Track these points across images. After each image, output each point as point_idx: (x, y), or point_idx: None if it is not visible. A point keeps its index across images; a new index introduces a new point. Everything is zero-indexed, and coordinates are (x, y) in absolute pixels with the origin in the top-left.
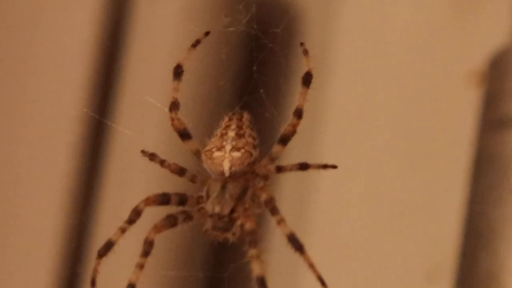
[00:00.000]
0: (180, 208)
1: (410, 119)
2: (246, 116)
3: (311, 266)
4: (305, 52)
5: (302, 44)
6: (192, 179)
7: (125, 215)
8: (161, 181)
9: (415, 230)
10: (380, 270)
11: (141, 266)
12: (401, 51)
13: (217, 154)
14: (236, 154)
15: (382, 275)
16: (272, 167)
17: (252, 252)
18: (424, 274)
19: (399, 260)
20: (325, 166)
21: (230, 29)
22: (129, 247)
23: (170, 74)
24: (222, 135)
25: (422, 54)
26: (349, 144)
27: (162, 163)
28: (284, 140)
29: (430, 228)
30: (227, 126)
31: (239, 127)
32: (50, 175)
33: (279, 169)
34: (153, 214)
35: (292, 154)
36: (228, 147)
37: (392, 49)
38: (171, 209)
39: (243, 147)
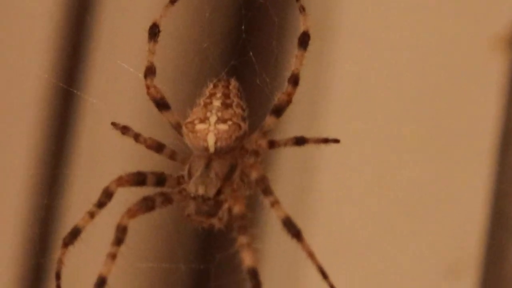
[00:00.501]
0: (158, 190)
1: (427, 90)
2: (233, 83)
3: (310, 254)
4: (302, 9)
5: (297, 0)
6: (172, 156)
7: (95, 197)
8: (135, 158)
9: (433, 219)
10: (392, 265)
11: (113, 257)
12: (417, 11)
13: (200, 126)
14: (222, 126)
15: (395, 271)
16: (263, 142)
17: (242, 239)
18: (444, 269)
19: (414, 254)
20: (325, 141)
21: None
22: (99, 234)
23: (145, 35)
24: (206, 105)
25: (440, 15)
26: (355, 117)
27: (136, 137)
28: (278, 111)
29: (450, 216)
30: (212, 95)
31: (226, 96)
32: (10, 152)
33: (272, 144)
34: (127, 196)
35: (288, 128)
36: (213, 119)
37: (407, 8)
38: (148, 190)
39: (230, 119)
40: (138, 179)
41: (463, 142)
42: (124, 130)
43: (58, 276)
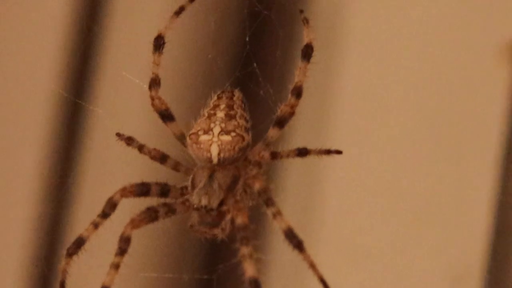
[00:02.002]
0: (162, 200)
1: (434, 100)
2: (237, 94)
3: (312, 266)
4: (305, 21)
5: (301, 11)
6: (175, 167)
7: (99, 207)
8: (139, 169)
9: (439, 228)
10: (397, 275)
11: (116, 267)
12: (424, 21)
13: (204, 137)
14: (226, 138)
15: (400, 281)
16: (266, 153)
17: (244, 250)
18: (451, 278)
19: (420, 264)
20: (328, 152)
21: None
22: (102, 244)
23: (150, 46)
24: (209, 116)
25: (447, 25)
26: (361, 129)
27: (140, 148)
28: (281, 123)
29: (456, 225)
30: (216, 106)
31: (230, 107)
32: (17, 162)
33: (275, 156)
34: (131, 207)
35: (291, 140)
36: (216, 130)
37: (414, 19)
38: (151, 201)
39: (233, 130)
40: (142, 189)
41: (469, 152)
42: (129, 141)
43: (62, 286)
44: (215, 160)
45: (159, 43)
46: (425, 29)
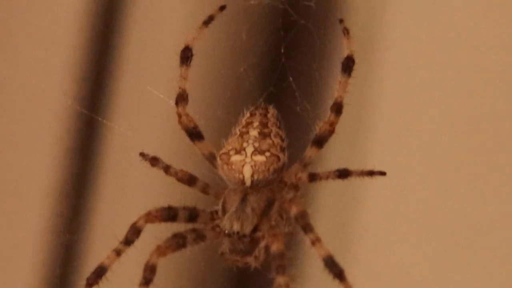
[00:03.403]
0: (190, 226)
1: (476, 118)
2: (272, 111)
3: None
4: (346, 31)
5: (341, 21)
6: (205, 190)
7: (121, 233)
8: (166, 191)
9: (487, 253)
10: None
11: None
12: (467, 31)
13: (235, 158)
14: (260, 158)
15: None
16: (304, 175)
17: (280, 280)
18: None
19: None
20: (371, 173)
21: (252, 2)
22: (125, 273)
23: (176, 58)
24: (242, 135)
25: (493, 37)
26: (402, 148)
27: (166, 169)
28: (320, 142)
29: (505, 249)
30: (249, 124)
31: (264, 125)
32: (31, 182)
33: (313, 177)
34: (156, 233)
35: (330, 160)
36: (249, 150)
37: (456, 31)
38: (178, 226)
39: (268, 150)
40: (169, 214)
41: None
42: (154, 161)
43: None
44: (248, 182)
45: (186, 55)
46: (467, 39)
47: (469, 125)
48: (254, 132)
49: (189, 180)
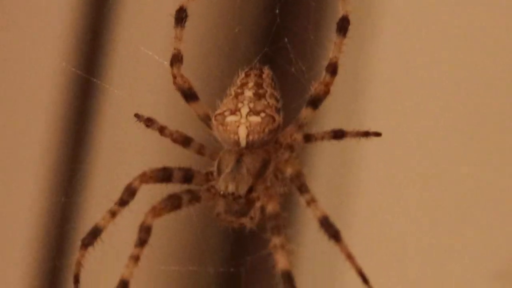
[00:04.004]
0: (185, 187)
1: (474, 78)
2: (266, 71)
3: (349, 257)
4: None
5: None
6: (200, 151)
7: (116, 194)
8: (160, 152)
9: (483, 220)
10: (437, 268)
11: (136, 259)
12: None
13: (231, 118)
14: (255, 118)
15: (440, 275)
16: (299, 136)
17: (276, 240)
18: (495, 274)
19: (462, 257)
20: (366, 134)
21: None
22: (121, 234)
23: (171, 19)
24: (237, 96)
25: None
26: (399, 109)
27: (161, 130)
28: (315, 102)
29: (501, 217)
30: (244, 84)
31: (259, 86)
32: (26, 146)
33: (308, 138)
34: (151, 194)
35: (325, 121)
36: (244, 110)
37: None
38: (174, 187)
39: (263, 110)
40: (164, 175)
41: None
42: (149, 122)
43: (76, 280)
44: (243, 143)
45: (181, 16)
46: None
47: (467, 86)
48: (249, 93)
49: (184, 141)
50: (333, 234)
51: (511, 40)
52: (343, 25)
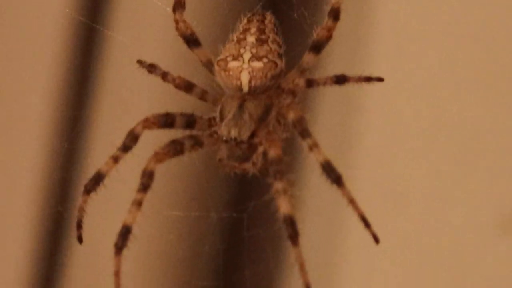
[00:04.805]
0: (187, 132)
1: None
2: (269, 17)
3: (351, 201)
4: None
5: None
6: (202, 96)
7: (119, 140)
8: (163, 99)
9: (486, 167)
10: (440, 215)
11: (138, 204)
12: None
13: (233, 64)
14: (257, 64)
15: (444, 223)
16: (301, 81)
17: (278, 185)
18: (497, 222)
19: (464, 206)
20: (368, 79)
21: None
22: (123, 180)
23: None
24: (239, 41)
25: None
26: (402, 54)
27: (164, 76)
28: (317, 48)
29: (505, 164)
30: (246, 30)
31: (261, 31)
32: (29, 92)
33: (310, 83)
34: (154, 140)
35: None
36: (246, 56)
37: None
38: (176, 133)
39: (265, 56)
40: (166, 120)
41: None
42: (151, 68)
43: (79, 226)
44: (245, 88)
45: None
46: None
47: (473, 30)
48: (251, 38)
49: (187, 86)
50: (335, 178)
51: None
52: None
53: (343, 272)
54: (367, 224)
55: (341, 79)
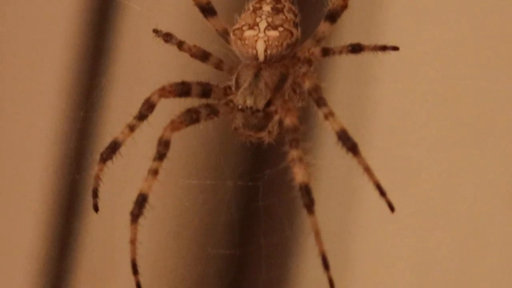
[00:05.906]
0: (203, 101)
1: None
2: None
3: (367, 170)
4: None
5: None
6: (218, 65)
7: (135, 109)
8: (179, 67)
9: (497, 142)
10: (451, 185)
11: (154, 173)
12: None
13: (249, 33)
14: (273, 33)
15: (454, 195)
16: (317, 50)
17: (294, 153)
18: (503, 196)
19: (476, 177)
20: (384, 48)
21: None
22: (139, 148)
23: None
24: (255, 10)
25: None
26: (419, 23)
27: (180, 45)
28: (333, 16)
29: None
30: None
31: (276, 0)
32: (44, 62)
33: (326, 52)
34: (170, 109)
35: (343, 36)
36: (262, 25)
37: None
38: (192, 102)
39: (281, 25)
40: (182, 89)
41: None
42: (167, 37)
43: (95, 194)
44: (261, 57)
45: None
46: None
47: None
48: (267, 7)
49: (203, 55)
50: (351, 147)
51: None
52: None
53: (359, 241)
54: (382, 192)
55: (356, 48)
